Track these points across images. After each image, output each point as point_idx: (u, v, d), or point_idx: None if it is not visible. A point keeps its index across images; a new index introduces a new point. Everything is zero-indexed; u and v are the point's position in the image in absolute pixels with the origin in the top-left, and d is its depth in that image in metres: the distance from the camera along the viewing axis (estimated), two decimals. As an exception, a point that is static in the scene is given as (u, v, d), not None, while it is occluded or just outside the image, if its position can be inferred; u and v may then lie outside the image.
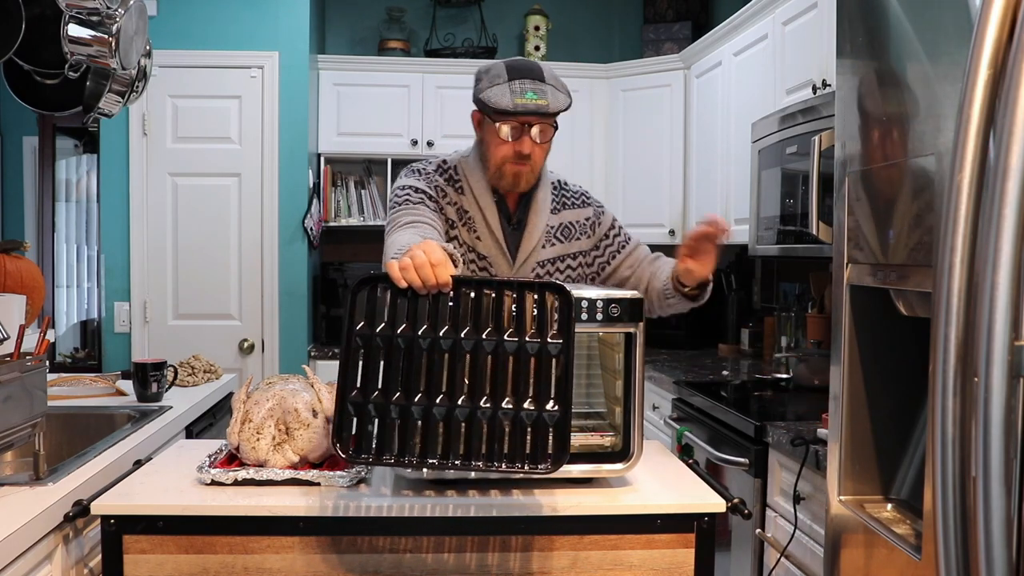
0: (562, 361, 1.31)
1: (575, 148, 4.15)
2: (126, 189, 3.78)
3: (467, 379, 1.30)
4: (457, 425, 1.28)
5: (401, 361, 1.31)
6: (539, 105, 1.71)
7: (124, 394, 2.44)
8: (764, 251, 2.85)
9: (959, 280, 0.97)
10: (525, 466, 1.27)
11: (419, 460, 1.28)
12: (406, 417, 1.28)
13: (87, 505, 1.38)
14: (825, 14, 2.59)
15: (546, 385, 1.30)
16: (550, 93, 1.74)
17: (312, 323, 4.01)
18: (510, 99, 1.70)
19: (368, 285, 1.34)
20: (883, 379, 1.43)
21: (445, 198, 1.82)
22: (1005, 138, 0.90)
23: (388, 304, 1.33)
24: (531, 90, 1.72)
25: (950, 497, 0.97)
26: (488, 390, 1.30)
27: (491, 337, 1.32)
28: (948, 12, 1.12)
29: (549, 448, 1.28)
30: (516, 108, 1.70)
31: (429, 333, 1.32)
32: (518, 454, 1.28)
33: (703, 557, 1.44)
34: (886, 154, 1.30)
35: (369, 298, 1.34)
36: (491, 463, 1.27)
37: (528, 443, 1.28)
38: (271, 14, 3.78)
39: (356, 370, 1.31)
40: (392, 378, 1.30)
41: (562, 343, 1.31)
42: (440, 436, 1.28)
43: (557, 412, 1.29)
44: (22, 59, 2.47)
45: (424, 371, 1.30)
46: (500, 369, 1.31)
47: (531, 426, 1.28)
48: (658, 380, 3.13)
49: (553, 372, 1.30)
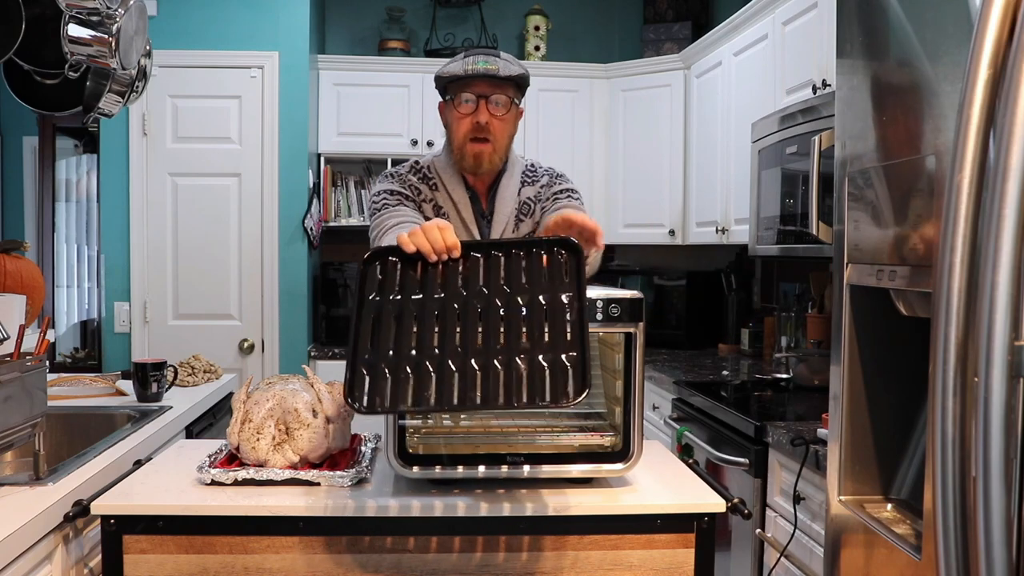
0: (576, 307, 1.31)
1: (575, 148, 4.16)
2: (126, 189, 3.78)
3: (480, 334, 1.29)
4: (472, 373, 1.25)
5: (413, 324, 1.30)
6: (488, 69, 1.77)
7: (124, 394, 2.44)
8: (764, 251, 2.85)
9: (959, 280, 0.97)
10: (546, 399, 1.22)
11: (436, 404, 1.23)
12: (420, 371, 1.25)
13: (87, 505, 1.38)
14: (825, 14, 2.59)
15: (561, 332, 1.28)
16: (502, 64, 1.79)
17: (312, 323, 4.01)
18: (461, 67, 1.79)
19: (378, 259, 1.35)
20: (883, 379, 1.43)
21: (420, 196, 1.88)
22: (1005, 138, 0.90)
23: (399, 275, 1.34)
24: (483, 59, 1.79)
25: (950, 497, 0.97)
26: (503, 341, 1.28)
27: (502, 292, 1.32)
28: (948, 12, 1.12)
29: (569, 386, 1.23)
30: (466, 72, 1.77)
31: (440, 295, 1.32)
32: (537, 393, 1.23)
33: (703, 557, 1.43)
34: (886, 154, 1.30)
35: (381, 271, 1.34)
36: (510, 402, 1.22)
37: (547, 383, 1.24)
38: (271, 14, 3.78)
39: (367, 334, 1.29)
40: (404, 341, 1.29)
41: (574, 293, 1.32)
42: (456, 386, 1.24)
43: (575, 354, 1.26)
44: (22, 59, 2.47)
45: (437, 331, 1.29)
46: (513, 322, 1.30)
47: (549, 368, 1.25)
48: (658, 380, 3.13)
49: (568, 318, 1.30)
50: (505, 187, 1.90)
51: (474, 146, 1.82)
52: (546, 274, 1.36)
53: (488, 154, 1.83)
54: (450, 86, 1.82)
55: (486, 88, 1.79)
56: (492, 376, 1.25)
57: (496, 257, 1.37)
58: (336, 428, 1.55)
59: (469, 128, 1.81)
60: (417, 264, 1.37)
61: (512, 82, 1.81)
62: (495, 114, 1.80)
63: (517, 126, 1.90)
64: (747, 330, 3.68)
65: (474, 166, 1.84)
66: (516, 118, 1.87)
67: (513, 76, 1.79)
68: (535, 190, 1.93)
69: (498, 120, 1.81)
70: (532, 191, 1.93)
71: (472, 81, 1.78)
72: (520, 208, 1.91)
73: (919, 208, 1.19)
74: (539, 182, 1.94)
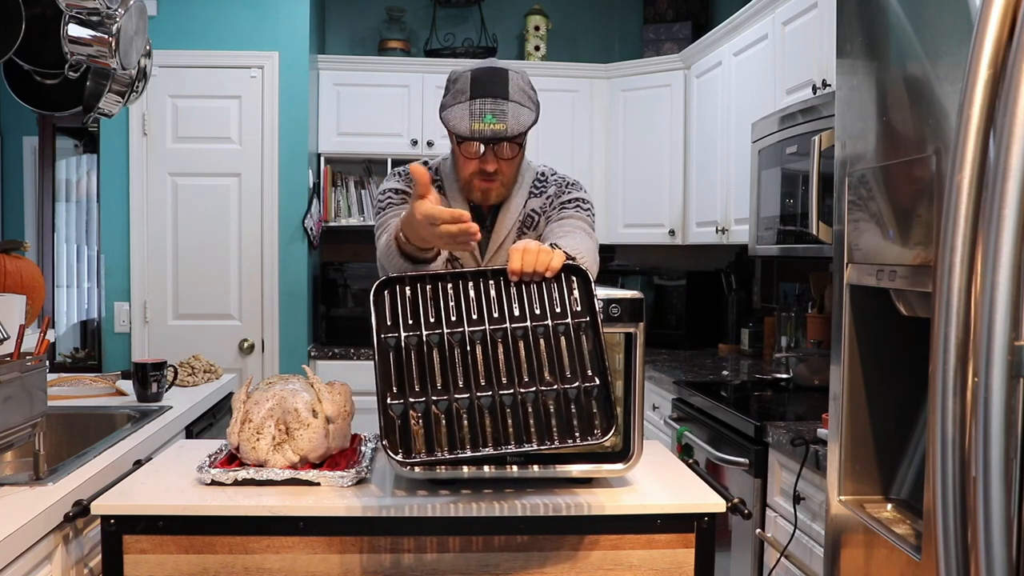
0: (591, 335, 1.36)
1: (575, 148, 4.16)
2: (126, 189, 3.78)
3: (503, 367, 1.33)
4: (503, 411, 1.30)
5: (435, 358, 1.33)
6: (495, 131, 1.64)
7: (124, 394, 2.44)
8: (764, 251, 2.85)
9: (959, 280, 0.97)
10: (576, 439, 1.29)
11: (472, 450, 1.28)
12: (450, 411, 1.30)
13: (87, 505, 1.38)
14: (825, 14, 2.59)
15: (580, 360, 1.34)
16: (511, 114, 1.65)
17: (312, 323, 4.01)
18: (468, 124, 1.64)
19: (387, 288, 1.36)
20: (883, 379, 1.42)
21: None
22: (1005, 138, 0.90)
23: (411, 302, 1.36)
24: (490, 112, 1.64)
25: (950, 497, 0.97)
26: (526, 374, 1.33)
27: (520, 323, 1.36)
28: (948, 12, 1.12)
29: (596, 419, 1.31)
30: (473, 134, 1.65)
31: (458, 328, 1.34)
32: (566, 429, 1.30)
33: (703, 557, 1.44)
34: (886, 154, 1.30)
35: (391, 301, 1.36)
36: (543, 442, 1.29)
37: (575, 417, 1.31)
38: (271, 14, 3.78)
39: (389, 373, 1.32)
40: (428, 376, 1.32)
41: (588, 319, 1.37)
42: (488, 425, 1.29)
43: (597, 384, 1.32)
44: (22, 59, 2.47)
45: (460, 365, 1.32)
46: (534, 353, 1.34)
47: (574, 401, 1.31)
48: (658, 380, 3.13)
49: (585, 347, 1.35)
50: (510, 201, 1.84)
51: (481, 183, 1.74)
52: (557, 301, 1.39)
53: (496, 190, 1.77)
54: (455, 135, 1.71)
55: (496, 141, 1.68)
56: (523, 415, 1.30)
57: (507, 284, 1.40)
58: (336, 428, 1.55)
59: (476, 170, 1.72)
60: (427, 289, 1.39)
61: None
62: (503, 157, 1.71)
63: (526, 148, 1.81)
64: (747, 330, 3.68)
65: (481, 200, 1.79)
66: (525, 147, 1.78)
67: (524, 131, 1.67)
68: (542, 201, 1.86)
69: (506, 163, 1.72)
70: (539, 202, 1.85)
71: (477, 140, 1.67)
72: (524, 220, 1.84)
73: (919, 208, 1.19)
74: (547, 192, 1.86)
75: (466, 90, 1.67)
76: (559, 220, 1.81)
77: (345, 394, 1.61)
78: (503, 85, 1.67)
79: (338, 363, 3.82)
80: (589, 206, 1.86)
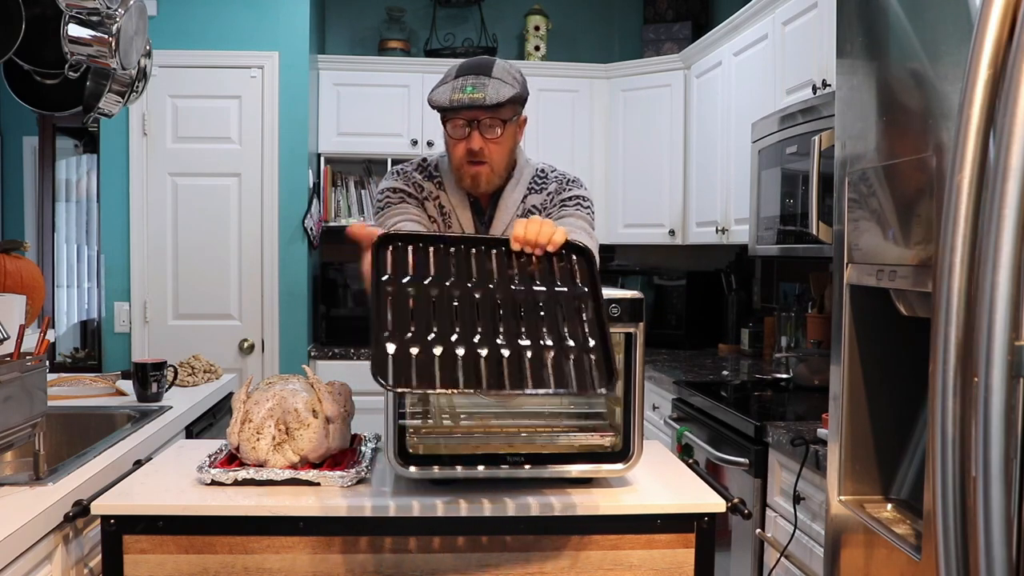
0: (591, 305, 1.34)
1: (575, 148, 4.16)
2: (126, 189, 3.77)
3: (502, 325, 1.29)
4: (499, 358, 1.25)
5: (433, 308, 1.30)
6: (474, 99, 1.66)
7: (124, 394, 2.44)
8: (764, 251, 2.85)
9: (959, 280, 0.97)
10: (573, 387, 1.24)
11: (465, 384, 1.22)
12: (446, 352, 1.24)
13: (87, 505, 1.38)
14: (825, 14, 2.59)
15: (580, 327, 1.31)
16: (492, 86, 1.68)
17: (312, 323, 4.01)
18: (448, 96, 1.68)
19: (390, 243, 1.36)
20: (883, 379, 1.42)
21: (424, 193, 1.85)
22: (1005, 138, 0.90)
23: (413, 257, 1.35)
24: (471, 84, 1.68)
25: (950, 497, 0.97)
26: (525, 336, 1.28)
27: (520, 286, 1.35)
28: (948, 12, 1.12)
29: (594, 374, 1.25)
30: (452, 103, 1.68)
31: (460, 283, 1.33)
32: (565, 378, 1.25)
33: (703, 557, 1.44)
34: (886, 154, 1.30)
35: (393, 256, 1.35)
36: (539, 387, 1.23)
37: (573, 370, 1.26)
38: (271, 14, 3.78)
39: (385, 315, 1.27)
40: (425, 322, 1.28)
41: (589, 291, 1.36)
42: (484, 368, 1.23)
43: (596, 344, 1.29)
44: (22, 59, 2.47)
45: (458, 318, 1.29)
46: (535, 314, 1.32)
47: (574, 360, 1.27)
48: (658, 380, 3.13)
49: (585, 316, 1.33)
50: (508, 195, 1.85)
51: (470, 168, 1.76)
52: (558, 274, 1.38)
53: (486, 175, 1.78)
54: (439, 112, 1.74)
55: (477, 113, 1.70)
56: (520, 361, 1.25)
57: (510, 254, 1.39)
58: (336, 428, 1.55)
59: (464, 152, 1.74)
60: (429, 251, 1.38)
61: (505, 104, 1.70)
62: (489, 137, 1.73)
63: (520, 137, 1.83)
64: (747, 330, 3.68)
65: (472, 186, 1.80)
66: (516, 132, 1.80)
67: (503, 102, 1.68)
68: (542, 198, 1.87)
69: (493, 143, 1.74)
70: (539, 199, 1.87)
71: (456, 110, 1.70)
72: (523, 216, 1.84)
73: (919, 208, 1.19)
74: (547, 188, 1.87)
75: (452, 73, 1.75)
76: (559, 218, 1.82)
77: (345, 394, 1.61)
78: (487, 66, 1.74)
79: (338, 363, 3.82)
80: (589, 204, 1.88)
